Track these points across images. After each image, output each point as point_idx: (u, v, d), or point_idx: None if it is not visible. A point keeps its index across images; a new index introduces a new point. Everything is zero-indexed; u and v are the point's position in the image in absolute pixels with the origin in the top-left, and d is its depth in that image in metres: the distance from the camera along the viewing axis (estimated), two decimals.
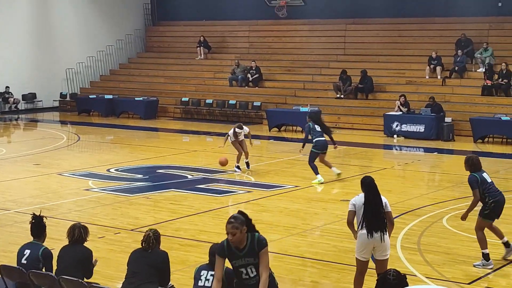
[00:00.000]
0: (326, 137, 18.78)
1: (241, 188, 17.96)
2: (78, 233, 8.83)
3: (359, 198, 9.58)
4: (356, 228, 9.60)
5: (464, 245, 12.61)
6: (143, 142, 26.41)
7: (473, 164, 11.55)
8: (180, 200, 16.42)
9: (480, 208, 11.54)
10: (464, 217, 11.66)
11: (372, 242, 9.39)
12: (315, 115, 20.11)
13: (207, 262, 7.95)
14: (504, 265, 11.48)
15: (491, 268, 11.32)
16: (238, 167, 19.68)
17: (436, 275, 11.07)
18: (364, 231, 9.39)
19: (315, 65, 33.54)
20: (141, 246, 8.50)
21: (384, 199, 9.51)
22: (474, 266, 11.44)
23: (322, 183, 18.08)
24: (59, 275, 8.36)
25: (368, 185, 9.49)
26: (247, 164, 19.92)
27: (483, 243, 11.43)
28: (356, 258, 9.66)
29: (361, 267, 9.63)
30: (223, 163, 19.49)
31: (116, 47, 39.14)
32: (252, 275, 7.48)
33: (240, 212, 7.50)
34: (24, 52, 35.47)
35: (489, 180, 11.52)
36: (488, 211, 11.41)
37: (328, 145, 18.77)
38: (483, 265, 11.36)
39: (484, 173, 11.56)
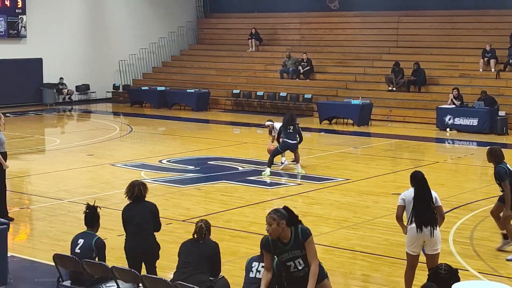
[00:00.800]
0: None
1: (291, 180, 17.96)
2: (138, 190, 9.07)
3: (409, 192, 9.52)
4: (405, 223, 9.54)
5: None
6: (194, 133, 26.56)
7: (496, 155, 11.47)
8: (231, 192, 16.49)
9: (504, 199, 11.38)
10: (506, 214, 11.43)
11: (422, 237, 9.32)
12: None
13: (259, 254, 7.97)
14: None
15: None
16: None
17: (489, 270, 10.94)
18: (414, 225, 9.32)
19: (367, 58, 33.34)
20: (192, 237, 8.55)
21: (434, 193, 9.43)
22: (508, 260, 11.29)
23: (269, 175, 18.06)
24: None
25: (419, 180, 9.40)
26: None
27: None
28: (407, 252, 9.60)
29: (412, 261, 9.57)
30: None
31: (169, 39, 39.40)
32: (300, 267, 7.50)
33: (285, 208, 7.52)
34: (78, 44, 35.91)
35: None
36: None
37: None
38: None
39: (508, 164, 11.53)
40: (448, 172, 19.26)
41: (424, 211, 9.29)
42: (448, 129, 26.62)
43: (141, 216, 9.04)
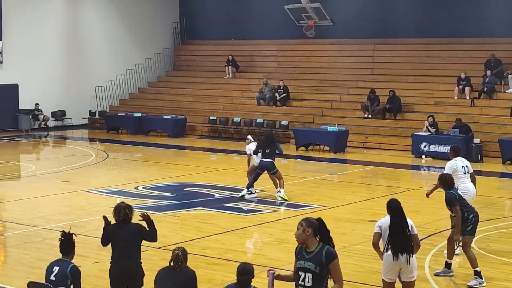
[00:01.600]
0: None
1: (268, 207, 17.95)
2: (124, 213, 9.17)
3: (385, 220, 9.59)
4: (382, 250, 9.58)
5: (493, 267, 12.50)
6: (171, 160, 26.52)
7: (446, 181, 11.73)
8: (208, 219, 16.45)
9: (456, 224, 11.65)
10: (456, 238, 11.78)
11: (398, 264, 9.38)
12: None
13: (235, 281, 7.95)
14: None
15: (484, 286, 11.39)
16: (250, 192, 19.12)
17: None
18: (390, 252, 9.38)
19: (343, 85, 33.54)
20: (168, 265, 8.52)
21: (410, 222, 9.52)
22: (469, 286, 11.43)
23: (242, 196, 18.53)
24: None
25: (395, 208, 9.47)
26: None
27: (474, 261, 11.58)
28: (383, 279, 9.64)
29: None
30: None
31: (145, 65, 39.44)
32: (307, 284, 7.56)
33: (319, 219, 7.79)
34: (54, 70, 35.82)
35: (463, 196, 12.01)
36: (471, 227, 11.64)
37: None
38: (479, 284, 11.35)
39: (458, 190, 12.00)
40: (423, 199, 19.22)
41: (400, 239, 9.35)
42: (423, 156, 26.79)
43: (127, 238, 9.05)
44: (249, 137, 19.89)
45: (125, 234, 9.08)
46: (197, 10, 40.35)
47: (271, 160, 18.41)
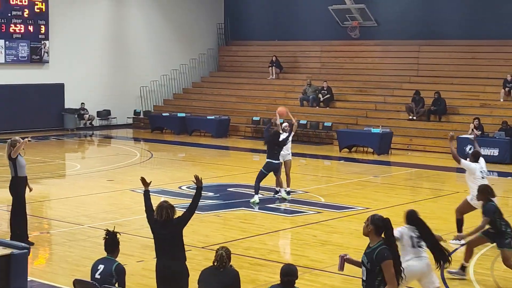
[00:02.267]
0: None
1: (311, 208, 17.91)
2: (165, 213, 9.24)
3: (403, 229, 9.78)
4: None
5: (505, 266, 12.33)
6: (214, 160, 26.61)
7: (487, 192, 11.82)
8: (250, 219, 16.48)
9: (499, 240, 11.53)
10: (463, 237, 12.15)
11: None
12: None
13: (278, 282, 7.95)
14: None
15: None
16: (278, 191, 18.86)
17: None
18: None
19: (387, 86, 33.35)
20: (212, 265, 8.54)
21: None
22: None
23: (257, 203, 17.89)
24: None
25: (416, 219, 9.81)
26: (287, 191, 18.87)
27: None
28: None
29: None
30: (282, 112, 19.57)
31: (190, 66, 39.64)
32: (364, 278, 7.78)
33: (386, 220, 7.95)
34: (100, 70, 36.19)
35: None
36: (509, 240, 11.48)
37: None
38: None
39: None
40: None
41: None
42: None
43: (170, 237, 9.08)
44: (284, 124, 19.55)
45: (168, 233, 9.09)
46: (241, 11, 40.45)
47: (280, 162, 18.37)
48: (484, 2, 32.94)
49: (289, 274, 7.77)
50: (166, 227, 9.13)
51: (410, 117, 30.46)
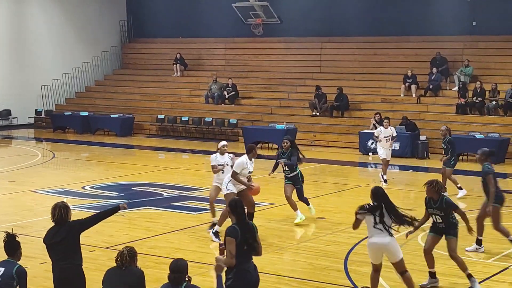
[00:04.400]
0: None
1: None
2: (58, 212, 8.89)
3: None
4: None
5: (439, 262, 12.63)
6: (118, 159, 26.32)
7: (440, 188, 11.48)
8: (156, 218, 16.37)
9: (448, 230, 11.41)
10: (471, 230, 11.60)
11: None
12: (294, 141, 16.95)
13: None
14: (480, 282, 11.52)
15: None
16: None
17: None
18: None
19: (291, 83, 33.67)
20: (116, 264, 8.44)
21: None
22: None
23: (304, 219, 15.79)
24: None
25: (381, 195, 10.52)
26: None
27: (463, 264, 11.46)
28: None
29: None
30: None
31: (92, 64, 39.07)
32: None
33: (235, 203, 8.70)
34: (0, 69, 35.33)
35: None
36: (457, 229, 11.49)
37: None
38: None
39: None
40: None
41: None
42: (370, 154, 27.02)
43: (63, 242, 8.87)
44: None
45: (61, 238, 8.85)
46: (144, 8, 40.11)
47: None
48: (384, 0, 33.62)
49: (176, 271, 7.72)
50: (59, 230, 8.88)
51: (314, 113, 30.84)
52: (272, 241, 14.25)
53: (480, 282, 11.45)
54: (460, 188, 19.00)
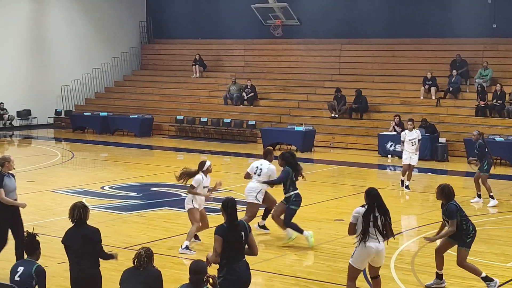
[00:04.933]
0: None
1: (239, 207, 17.86)
2: (77, 213, 8.96)
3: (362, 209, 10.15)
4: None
5: (458, 266, 12.57)
6: (137, 159, 26.39)
7: (449, 193, 11.22)
8: (174, 218, 16.39)
9: (458, 238, 11.19)
10: (432, 240, 11.56)
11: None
12: (292, 157, 15.07)
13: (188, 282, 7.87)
14: (499, 286, 11.44)
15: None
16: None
17: None
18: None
19: (310, 85, 33.62)
20: (133, 265, 8.46)
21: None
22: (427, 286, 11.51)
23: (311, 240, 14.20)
24: None
25: (374, 196, 10.21)
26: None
27: (476, 270, 11.31)
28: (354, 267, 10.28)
29: None
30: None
31: (112, 64, 39.21)
32: None
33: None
34: (20, 69, 35.50)
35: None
36: (470, 239, 11.21)
37: None
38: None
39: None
40: (389, 198, 19.37)
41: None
42: (389, 156, 26.94)
43: (79, 243, 8.91)
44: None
45: (78, 239, 8.91)
46: (164, 9, 40.21)
47: None
48: (404, 2, 33.55)
49: (198, 272, 7.71)
50: (77, 231, 8.93)
51: (332, 115, 30.79)
52: (291, 243, 14.21)
53: (499, 287, 11.37)
54: (492, 197, 18.41)
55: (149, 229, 15.40)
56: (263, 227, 14.92)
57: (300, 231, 13.88)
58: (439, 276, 11.59)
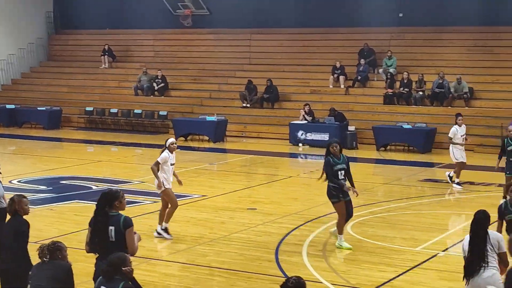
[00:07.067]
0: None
1: (147, 198, 17.80)
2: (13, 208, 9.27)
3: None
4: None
5: (368, 251, 12.83)
6: (46, 152, 25.93)
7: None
8: (85, 211, 16.13)
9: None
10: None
11: None
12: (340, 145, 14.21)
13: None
14: (408, 270, 11.73)
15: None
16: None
17: (341, 282, 11.23)
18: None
19: (222, 75, 33.62)
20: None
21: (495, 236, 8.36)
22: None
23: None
24: None
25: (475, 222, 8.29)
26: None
27: None
28: None
29: None
30: None
31: (18, 56, 38.29)
32: None
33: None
34: None
35: None
36: None
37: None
38: None
39: None
40: (301, 186, 19.65)
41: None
42: (300, 144, 27.22)
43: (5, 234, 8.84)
44: None
45: (7, 231, 8.86)
46: None
47: None
48: None
49: (110, 264, 7.61)
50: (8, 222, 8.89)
51: (244, 104, 30.89)
52: (204, 232, 14.23)
53: (408, 270, 11.66)
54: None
55: (60, 222, 15.17)
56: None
57: None
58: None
